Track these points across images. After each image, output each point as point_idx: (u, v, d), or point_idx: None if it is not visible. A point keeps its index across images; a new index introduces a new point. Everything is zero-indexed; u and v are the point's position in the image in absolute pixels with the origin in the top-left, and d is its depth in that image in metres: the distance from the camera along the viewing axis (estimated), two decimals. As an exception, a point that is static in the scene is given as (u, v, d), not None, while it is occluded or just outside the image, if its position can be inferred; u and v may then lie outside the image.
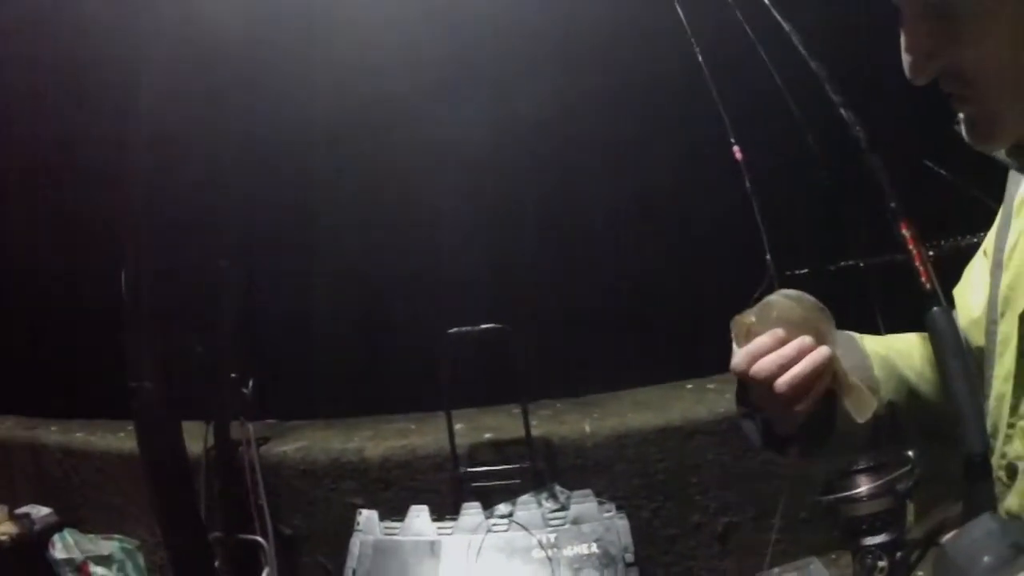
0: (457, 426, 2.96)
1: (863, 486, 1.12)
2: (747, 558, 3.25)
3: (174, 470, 2.84)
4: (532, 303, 3.65)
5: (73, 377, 3.96)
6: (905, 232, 1.13)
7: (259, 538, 2.96)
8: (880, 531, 1.13)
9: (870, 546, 1.16)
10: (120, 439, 3.55)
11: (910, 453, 1.17)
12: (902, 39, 0.82)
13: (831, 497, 1.24)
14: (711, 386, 3.74)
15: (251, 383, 3.10)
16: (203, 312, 3.17)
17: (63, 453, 3.71)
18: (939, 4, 0.78)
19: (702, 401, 3.43)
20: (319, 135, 3.66)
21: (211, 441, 3.12)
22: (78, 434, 3.78)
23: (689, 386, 3.77)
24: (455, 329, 2.81)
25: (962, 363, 0.99)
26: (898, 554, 1.17)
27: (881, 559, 1.14)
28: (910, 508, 1.15)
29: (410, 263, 3.78)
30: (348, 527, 2.65)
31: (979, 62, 0.78)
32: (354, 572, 2.39)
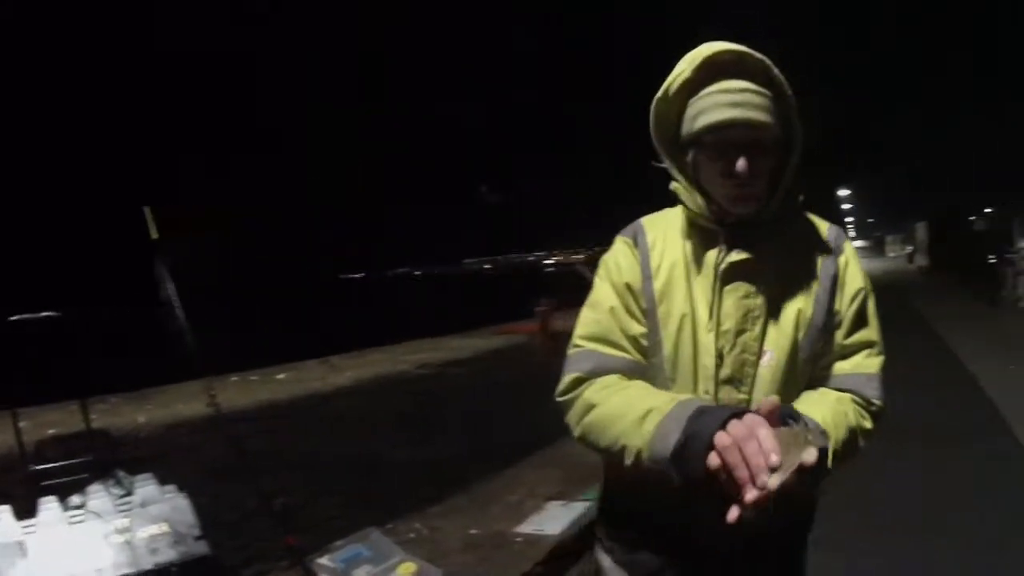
0: (22, 424, 2.80)
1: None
2: (310, 533, 3.46)
3: None
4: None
5: None
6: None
7: None
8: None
9: None
10: None
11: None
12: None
13: None
14: (254, 378, 3.97)
15: None
16: None
17: None
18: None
19: (246, 392, 3.64)
20: None
21: None
22: None
23: (235, 378, 3.95)
24: (15, 317, 2.65)
25: None
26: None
27: None
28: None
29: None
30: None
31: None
32: (-54, 589, 2.19)
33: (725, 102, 1.38)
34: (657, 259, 1.54)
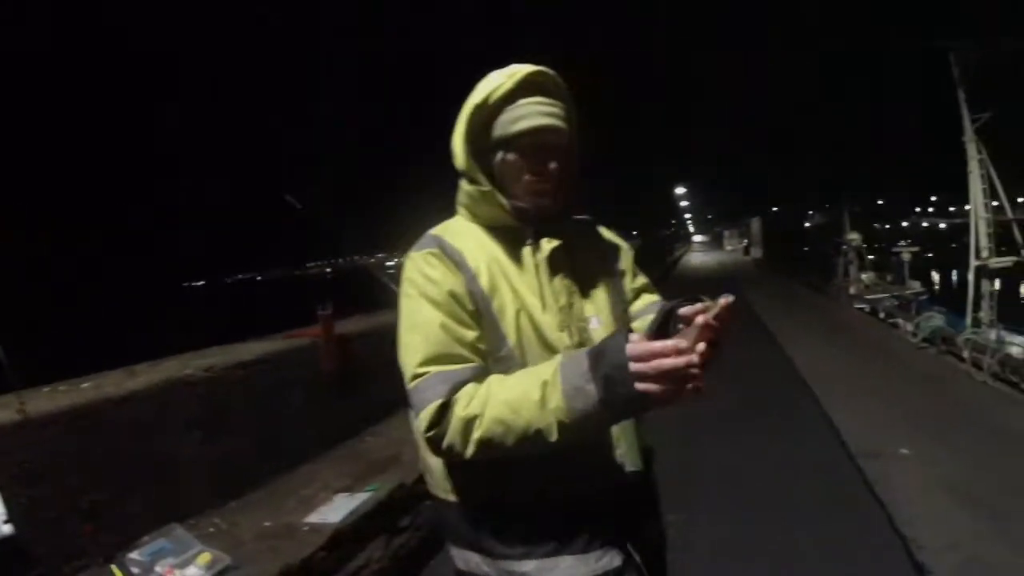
0: None
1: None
2: (119, 529, 3.74)
3: None
4: None
5: None
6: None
7: None
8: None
9: None
10: None
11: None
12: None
13: None
14: (63, 388, 4.21)
15: None
16: None
17: None
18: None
19: (53, 400, 3.86)
20: None
21: None
22: None
23: (46, 389, 4.19)
24: None
25: None
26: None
27: None
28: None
29: None
30: None
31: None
32: None
33: (543, 111, 1.60)
34: (472, 260, 1.61)
